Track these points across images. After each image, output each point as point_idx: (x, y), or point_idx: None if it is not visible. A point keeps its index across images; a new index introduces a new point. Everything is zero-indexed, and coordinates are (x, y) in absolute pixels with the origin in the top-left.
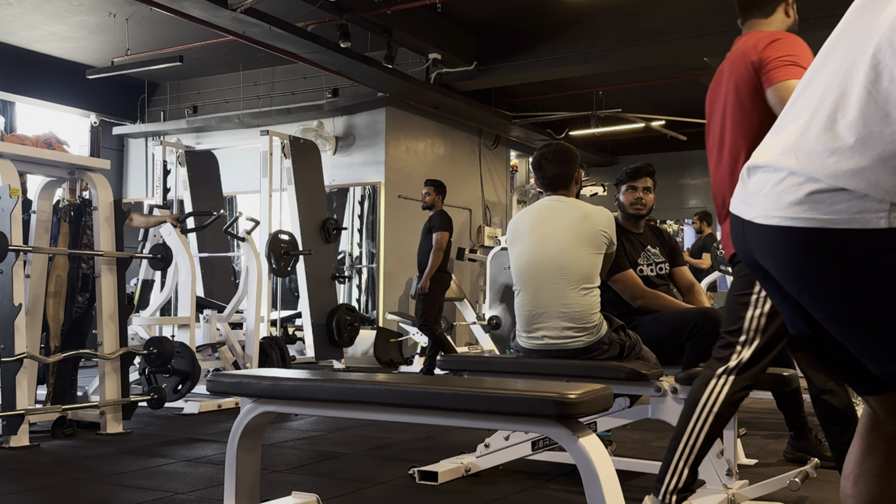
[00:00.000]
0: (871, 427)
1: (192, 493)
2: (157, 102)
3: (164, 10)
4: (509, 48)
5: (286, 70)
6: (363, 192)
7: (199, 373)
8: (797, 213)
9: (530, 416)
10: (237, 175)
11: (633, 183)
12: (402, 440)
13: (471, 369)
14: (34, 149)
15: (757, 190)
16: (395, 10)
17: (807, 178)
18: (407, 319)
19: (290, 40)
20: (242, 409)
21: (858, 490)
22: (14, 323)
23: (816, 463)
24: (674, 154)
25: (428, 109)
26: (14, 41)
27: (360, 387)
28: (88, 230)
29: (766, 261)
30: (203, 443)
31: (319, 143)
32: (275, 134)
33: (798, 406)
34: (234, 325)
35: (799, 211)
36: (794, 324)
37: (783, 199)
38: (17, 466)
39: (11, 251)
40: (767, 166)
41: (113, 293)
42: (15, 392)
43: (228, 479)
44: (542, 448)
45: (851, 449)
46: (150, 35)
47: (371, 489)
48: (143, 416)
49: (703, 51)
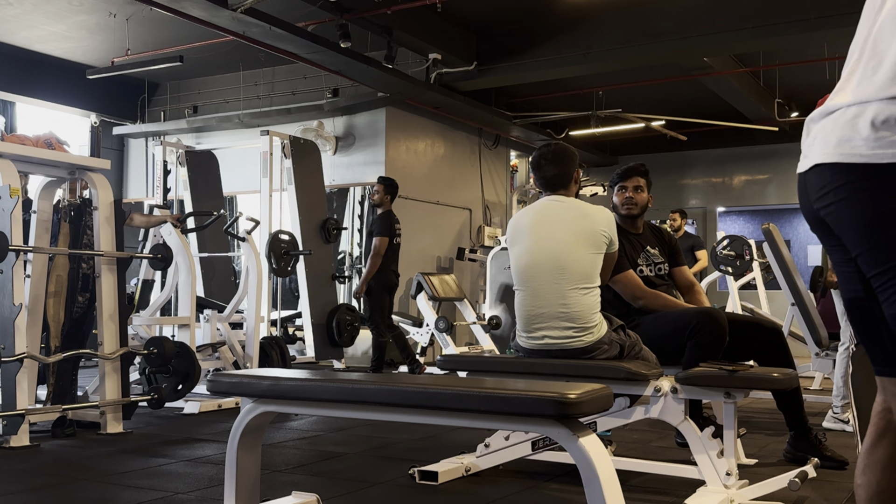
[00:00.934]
0: (882, 415)
1: (192, 493)
2: (157, 102)
3: (164, 10)
4: (509, 48)
5: (286, 70)
6: (363, 192)
7: (199, 373)
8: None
9: (530, 416)
10: (237, 175)
11: (623, 183)
12: (402, 440)
13: (471, 369)
14: (34, 149)
15: (813, 139)
16: (395, 10)
17: (860, 104)
18: (407, 319)
19: (290, 40)
20: (242, 409)
21: (867, 480)
22: (14, 323)
23: (816, 463)
24: (674, 154)
25: (428, 109)
26: (14, 41)
27: (360, 387)
28: (89, 230)
29: (819, 203)
30: (203, 443)
31: (319, 143)
32: (275, 134)
33: (798, 406)
34: (235, 325)
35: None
36: (850, 284)
37: (834, 136)
38: (17, 466)
39: (12, 251)
40: (823, 112)
41: (113, 293)
42: (15, 392)
43: (228, 479)
44: (542, 448)
45: (865, 439)
46: (150, 35)
47: (371, 489)
48: (144, 416)
49: (703, 51)
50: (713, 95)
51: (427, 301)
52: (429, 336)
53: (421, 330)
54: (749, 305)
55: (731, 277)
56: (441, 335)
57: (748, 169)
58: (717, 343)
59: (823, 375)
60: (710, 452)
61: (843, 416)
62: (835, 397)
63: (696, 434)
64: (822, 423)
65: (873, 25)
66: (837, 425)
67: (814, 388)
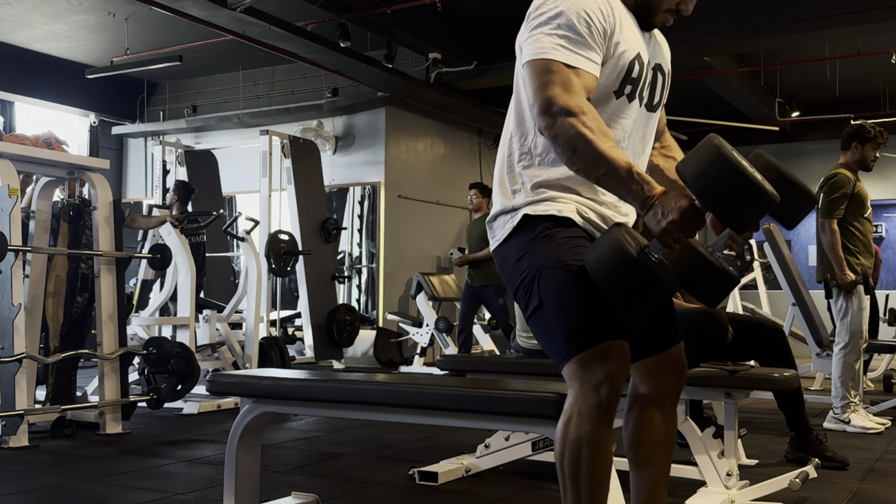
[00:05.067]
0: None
1: (192, 493)
2: (156, 102)
3: (163, 9)
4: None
5: (286, 70)
6: (363, 191)
7: (198, 373)
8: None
9: (530, 416)
10: (237, 175)
11: None
12: (402, 440)
13: (471, 369)
14: (34, 148)
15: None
16: (394, 9)
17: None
18: (407, 320)
19: (289, 40)
20: (242, 410)
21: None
22: (13, 323)
23: (817, 463)
24: None
25: (428, 109)
26: (13, 41)
27: (360, 387)
28: (88, 230)
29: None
30: (202, 443)
31: (319, 142)
32: (274, 134)
33: (799, 406)
34: (234, 326)
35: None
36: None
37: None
38: (17, 467)
39: (11, 251)
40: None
41: (112, 293)
42: (14, 392)
43: (228, 480)
44: (543, 448)
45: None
46: (149, 34)
47: (371, 489)
48: (143, 416)
49: (703, 51)
50: (713, 95)
51: (427, 301)
52: (429, 336)
53: (421, 330)
54: (750, 305)
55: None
56: (441, 335)
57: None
58: (718, 343)
59: (824, 376)
60: (711, 453)
61: (844, 416)
62: (834, 398)
63: (696, 434)
64: (823, 423)
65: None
66: (838, 426)
67: (814, 389)
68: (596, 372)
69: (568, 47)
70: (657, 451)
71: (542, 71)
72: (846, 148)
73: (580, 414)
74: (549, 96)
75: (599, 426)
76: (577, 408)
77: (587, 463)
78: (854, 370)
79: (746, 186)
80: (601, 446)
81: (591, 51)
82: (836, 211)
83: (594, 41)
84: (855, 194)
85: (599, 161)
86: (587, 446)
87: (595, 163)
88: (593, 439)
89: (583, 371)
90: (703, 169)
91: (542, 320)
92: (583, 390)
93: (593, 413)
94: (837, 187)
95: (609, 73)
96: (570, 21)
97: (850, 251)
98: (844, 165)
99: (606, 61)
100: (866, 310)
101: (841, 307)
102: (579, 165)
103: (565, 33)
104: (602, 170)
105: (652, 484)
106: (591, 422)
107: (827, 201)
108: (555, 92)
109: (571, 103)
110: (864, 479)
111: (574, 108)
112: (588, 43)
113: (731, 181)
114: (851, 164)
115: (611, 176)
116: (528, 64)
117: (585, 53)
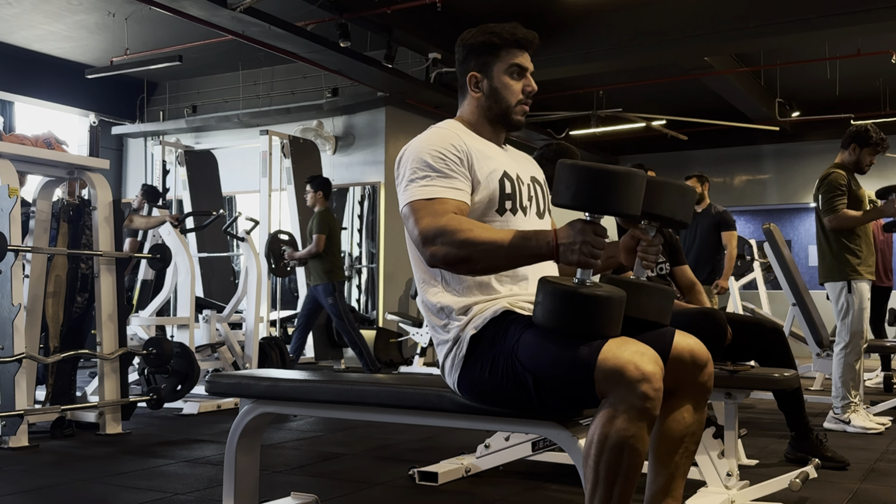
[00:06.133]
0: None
1: (192, 493)
2: (156, 102)
3: (163, 9)
4: None
5: (286, 69)
6: (363, 192)
7: (198, 373)
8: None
9: (530, 417)
10: (236, 175)
11: None
12: (402, 441)
13: None
14: (33, 148)
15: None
16: (394, 9)
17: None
18: (407, 320)
19: (289, 40)
20: (241, 410)
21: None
22: (13, 323)
23: (817, 464)
24: (674, 154)
25: (428, 109)
26: (13, 41)
27: (360, 388)
28: (88, 230)
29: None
30: (202, 443)
31: (319, 142)
32: (274, 134)
33: (800, 407)
34: (234, 326)
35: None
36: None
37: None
38: (17, 467)
39: (10, 251)
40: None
41: (112, 293)
42: (14, 392)
43: (227, 480)
44: (543, 449)
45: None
46: (149, 34)
47: (371, 489)
48: (143, 416)
49: (703, 51)
50: (714, 95)
51: None
52: (429, 336)
53: (421, 330)
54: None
55: (732, 277)
56: None
57: (749, 169)
58: (718, 343)
59: (824, 376)
60: (711, 453)
61: (844, 416)
62: (835, 398)
63: None
64: (823, 423)
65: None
66: (838, 426)
67: (815, 389)
68: (628, 363)
69: (430, 185)
70: (679, 445)
71: (411, 212)
72: (845, 147)
73: (625, 415)
74: (422, 229)
75: (643, 430)
76: (621, 408)
77: (626, 467)
78: (854, 370)
79: (598, 174)
80: (642, 452)
81: (454, 179)
82: (837, 207)
83: (454, 170)
84: (852, 192)
85: (491, 247)
86: (630, 451)
87: (489, 252)
88: (636, 445)
89: (613, 364)
90: (566, 186)
91: (550, 376)
92: (626, 390)
93: (637, 416)
94: (833, 185)
95: (485, 195)
96: (426, 162)
97: (852, 251)
98: (840, 165)
99: (476, 188)
100: (867, 310)
101: (841, 307)
102: (480, 265)
103: (426, 173)
104: (499, 252)
105: (669, 475)
106: (635, 425)
107: (826, 200)
108: (425, 223)
109: (441, 223)
110: (864, 480)
111: (444, 225)
112: (447, 174)
113: (589, 179)
114: (847, 165)
115: (509, 252)
116: (402, 213)
117: (447, 183)
